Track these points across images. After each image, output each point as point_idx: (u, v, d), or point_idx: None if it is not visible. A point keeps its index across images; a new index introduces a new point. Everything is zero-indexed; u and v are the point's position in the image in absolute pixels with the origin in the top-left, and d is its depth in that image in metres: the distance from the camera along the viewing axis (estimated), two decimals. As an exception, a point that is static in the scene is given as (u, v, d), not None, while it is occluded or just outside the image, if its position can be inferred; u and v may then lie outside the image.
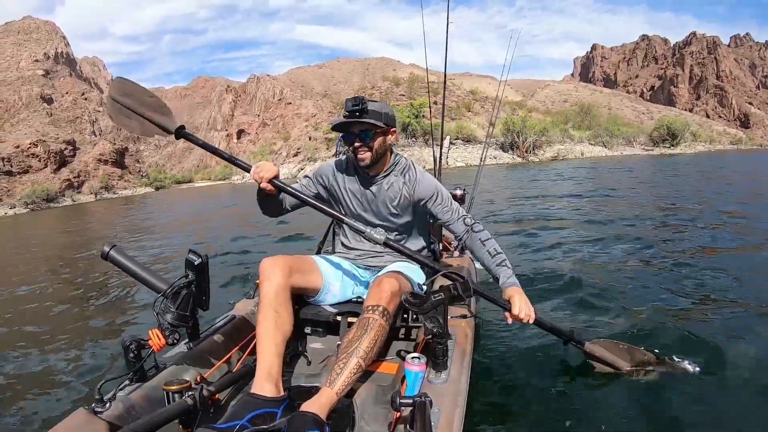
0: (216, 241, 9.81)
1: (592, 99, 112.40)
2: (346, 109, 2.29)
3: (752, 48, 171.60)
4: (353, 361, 1.88)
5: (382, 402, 1.91)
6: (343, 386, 1.83)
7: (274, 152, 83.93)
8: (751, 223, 8.07)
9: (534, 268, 5.70)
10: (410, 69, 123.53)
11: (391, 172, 2.51)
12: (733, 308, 4.07)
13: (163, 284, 2.08)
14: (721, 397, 2.68)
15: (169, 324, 1.94)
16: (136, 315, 4.72)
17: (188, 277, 2.04)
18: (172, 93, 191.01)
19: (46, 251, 10.47)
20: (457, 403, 1.73)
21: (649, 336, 3.43)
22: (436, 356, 1.89)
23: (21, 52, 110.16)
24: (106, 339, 4.15)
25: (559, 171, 28.17)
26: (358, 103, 2.27)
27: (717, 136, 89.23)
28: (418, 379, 1.86)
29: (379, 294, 2.08)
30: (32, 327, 4.70)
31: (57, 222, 25.72)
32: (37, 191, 58.78)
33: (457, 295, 1.87)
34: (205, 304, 2.12)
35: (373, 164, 2.42)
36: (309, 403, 1.73)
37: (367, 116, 2.29)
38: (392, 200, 2.49)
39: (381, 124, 2.33)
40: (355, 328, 2.00)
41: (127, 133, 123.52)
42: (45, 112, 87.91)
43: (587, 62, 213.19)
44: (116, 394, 1.75)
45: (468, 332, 2.30)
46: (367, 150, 2.36)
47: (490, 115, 71.29)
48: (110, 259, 2.15)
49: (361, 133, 2.33)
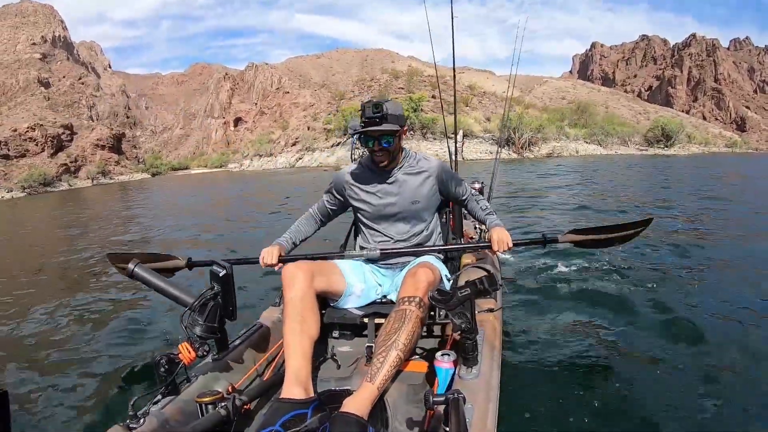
0: (236, 243, 9.51)
1: (590, 97, 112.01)
2: (366, 115, 2.28)
3: (751, 52, 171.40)
4: (392, 354, 1.89)
5: (415, 401, 1.95)
6: (384, 380, 1.84)
7: (273, 141, 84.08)
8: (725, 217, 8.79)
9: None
10: (408, 61, 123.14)
11: (405, 164, 2.56)
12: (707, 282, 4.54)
13: (189, 297, 2.09)
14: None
15: (198, 336, 1.95)
16: (163, 328, 4.67)
17: (214, 288, 2.05)
18: (169, 79, 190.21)
19: (62, 255, 9.97)
20: (489, 398, 1.71)
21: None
22: (466, 352, 1.86)
23: (18, 35, 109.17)
24: (135, 355, 4.09)
25: (550, 167, 28.60)
26: (379, 109, 2.26)
27: (712, 139, 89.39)
28: (449, 376, 1.84)
29: (414, 285, 2.07)
30: (58, 346, 4.59)
31: (61, 210, 24.99)
32: (34, 175, 59.15)
33: (484, 289, 1.82)
34: (232, 314, 2.13)
35: (390, 162, 2.48)
36: (350, 401, 1.75)
37: (387, 123, 2.29)
38: (413, 189, 2.53)
39: (398, 127, 2.36)
40: (391, 320, 2.00)
41: (124, 118, 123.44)
42: (42, 96, 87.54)
43: (586, 60, 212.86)
44: (150, 410, 1.76)
45: (496, 326, 2.28)
46: (387, 154, 2.42)
47: (487, 110, 71.63)
48: (135, 276, 2.19)
49: (381, 138, 2.35)
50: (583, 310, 4.11)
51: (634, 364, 3.08)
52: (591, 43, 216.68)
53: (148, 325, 4.83)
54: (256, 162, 73.90)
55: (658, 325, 3.73)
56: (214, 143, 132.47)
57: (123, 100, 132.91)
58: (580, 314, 4.00)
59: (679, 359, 3.14)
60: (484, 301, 2.37)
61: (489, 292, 1.83)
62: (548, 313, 4.08)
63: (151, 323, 4.89)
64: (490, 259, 3.22)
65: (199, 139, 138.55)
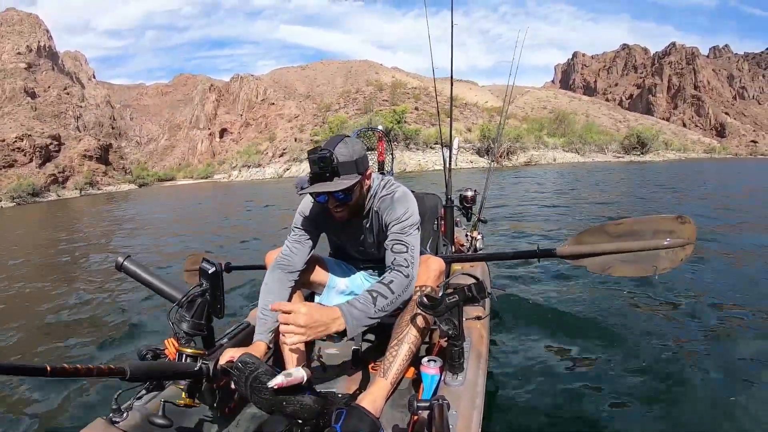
0: (228, 245, 9.75)
1: (571, 106, 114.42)
2: (312, 171, 1.88)
3: (731, 59, 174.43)
4: (405, 348, 1.86)
5: (399, 405, 1.91)
6: (397, 375, 1.82)
7: (260, 152, 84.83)
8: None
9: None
10: (392, 72, 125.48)
11: (370, 208, 2.13)
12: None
13: (177, 293, 2.08)
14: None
15: (184, 333, 1.92)
16: (149, 323, 4.71)
17: (203, 285, 2.02)
18: (154, 90, 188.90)
19: (54, 254, 10.67)
20: (474, 405, 1.71)
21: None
22: (452, 358, 1.84)
23: (3, 45, 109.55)
24: (120, 348, 4.14)
25: (526, 175, 29.42)
26: (327, 162, 1.84)
27: (691, 145, 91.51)
28: (435, 382, 1.84)
29: (426, 273, 1.99)
30: (46, 336, 4.69)
31: (54, 219, 25.16)
32: (23, 185, 59.78)
33: (472, 297, 1.77)
34: (219, 312, 2.10)
35: (355, 215, 2.12)
36: (365, 397, 1.74)
37: (339, 176, 1.87)
38: (376, 234, 2.20)
39: (357, 177, 1.92)
40: (404, 312, 1.94)
41: (109, 129, 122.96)
42: (30, 107, 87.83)
43: (568, 69, 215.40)
44: (133, 404, 1.75)
45: (483, 333, 2.25)
46: (346, 208, 2.03)
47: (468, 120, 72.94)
48: (124, 269, 2.17)
49: (336, 194, 1.93)
50: (572, 320, 4.08)
51: (622, 375, 3.06)
52: (573, 53, 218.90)
53: (134, 320, 4.87)
54: (244, 173, 74.50)
55: (648, 336, 3.69)
56: (200, 154, 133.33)
57: (108, 111, 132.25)
58: (569, 325, 3.99)
59: (669, 371, 3.10)
60: (472, 308, 2.30)
61: (477, 300, 1.80)
62: (536, 322, 4.04)
63: (137, 318, 4.93)
64: (480, 266, 3.23)
65: (185, 150, 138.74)
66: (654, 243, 2.07)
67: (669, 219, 2.08)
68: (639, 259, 2.10)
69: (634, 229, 2.17)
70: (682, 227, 2.04)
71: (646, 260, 2.09)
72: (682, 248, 2.02)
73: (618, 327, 3.84)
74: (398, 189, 2.12)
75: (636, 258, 2.11)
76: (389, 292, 1.82)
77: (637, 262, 2.11)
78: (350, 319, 1.71)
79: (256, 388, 1.63)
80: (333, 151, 1.86)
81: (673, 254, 2.04)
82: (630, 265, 2.12)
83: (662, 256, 2.06)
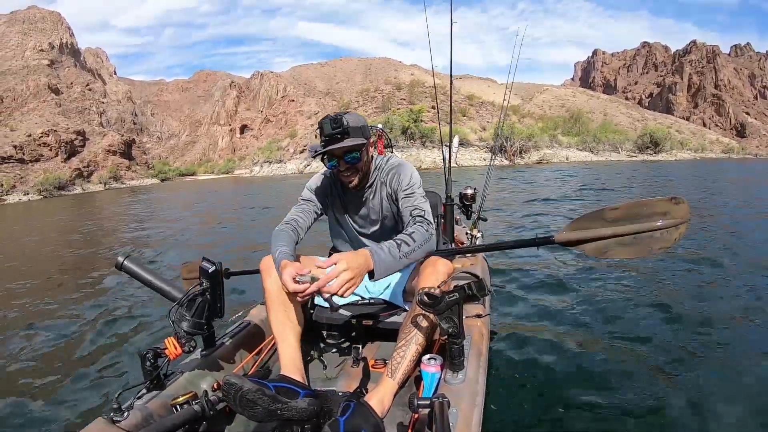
0: (230, 244, 9.81)
1: (589, 105, 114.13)
2: (325, 132, 2.06)
3: (752, 58, 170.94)
4: (412, 348, 1.87)
5: (399, 404, 1.89)
6: (404, 376, 1.84)
7: (282, 149, 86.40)
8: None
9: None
10: (411, 70, 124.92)
11: (377, 179, 2.31)
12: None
13: (177, 293, 2.10)
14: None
15: (185, 332, 1.94)
16: (151, 323, 4.71)
17: (203, 284, 2.04)
18: (174, 86, 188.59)
19: (62, 252, 10.65)
20: (475, 403, 1.71)
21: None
22: (453, 356, 1.84)
23: (26, 42, 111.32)
24: (121, 348, 4.12)
25: (532, 173, 29.42)
26: (339, 124, 2.04)
27: (709, 145, 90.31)
28: (435, 379, 1.85)
29: (435, 275, 2.00)
30: (46, 335, 4.67)
31: (79, 214, 24.21)
32: (49, 179, 61.48)
33: (472, 295, 1.77)
34: (220, 311, 2.12)
35: (361, 181, 2.24)
36: (372, 396, 1.77)
37: (350, 137, 2.07)
38: (380, 205, 2.33)
39: (364, 141, 2.11)
40: (412, 312, 1.96)
41: (131, 125, 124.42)
42: (54, 103, 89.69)
43: (588, 67, 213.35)
44: (134, 404, 1.76)
45: (483, 331, 2.24)
46: (355, 172, 2.19)
47: (483, 119, 73.10)
48: (124, 269, 2.18)
49: (346, 156, 2.12)
50: (574, 318, 4.07)
51: (623, 371, 3.06)
52: (593, 50, 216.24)
53: (135, 319, 4.87)
54: (266, 168, 75.35)
55: (649, 330, 3.70)
56: (221, 150, 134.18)
57: (129, 107, 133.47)
58: (569, 321, 4.01)
59: (669, 365, 3.14)
60: (472, 306, 2.33)
61: (477, 298, 1.80)
62: (536, 320, 4.06)
63: (138, 317, 4.93)
64: (480, 264, 3.20)
65: (206, 146, 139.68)
66: (649, 225, 2.06)
67: (663, 200, 2.06)
68: (636, 242, 2.10)
69: (630, 213, 2.13)
70: (676, 207, 2.02)
71: (642, 242, 2.08)
72: (676, 228, 2.02)
73: (620, 324, 3.86)
74: (401, 160, 2.34)
75: (633, 240, 2.11)
76: (412, 241, 1.90)
77: (633, 244, 2.10)
78: (378, 260, 1.78)
79: (246, 405, 1.64)
80: (343, 116, 2.09)
81: (668, 234, 2.03)
82: (627, 247, 2.12)
83: (657, 237, 2.04)
